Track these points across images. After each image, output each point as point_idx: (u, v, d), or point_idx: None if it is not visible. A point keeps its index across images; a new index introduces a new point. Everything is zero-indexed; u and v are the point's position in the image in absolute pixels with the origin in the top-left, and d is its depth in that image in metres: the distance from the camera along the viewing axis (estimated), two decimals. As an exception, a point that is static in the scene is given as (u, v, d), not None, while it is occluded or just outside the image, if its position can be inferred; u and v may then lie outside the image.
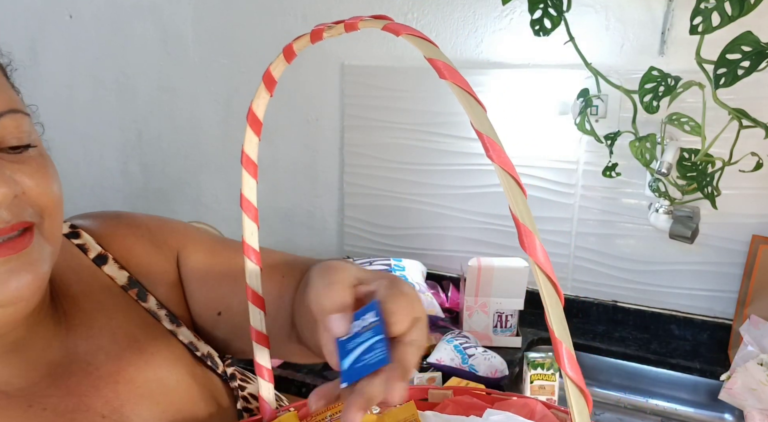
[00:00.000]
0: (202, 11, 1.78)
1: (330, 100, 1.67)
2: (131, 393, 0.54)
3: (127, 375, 0.55)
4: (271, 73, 0.46)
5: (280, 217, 1.83)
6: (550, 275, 0.31)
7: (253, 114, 0.47)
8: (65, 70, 2.01)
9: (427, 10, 1.51)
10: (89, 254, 0.60)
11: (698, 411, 1.32)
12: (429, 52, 0.34)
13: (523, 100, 1.43)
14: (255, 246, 0.51)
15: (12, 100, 0.48)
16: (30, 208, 0.47)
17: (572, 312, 1.51)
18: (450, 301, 1.50)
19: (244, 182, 0.49)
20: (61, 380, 0.52)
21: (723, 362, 1.30)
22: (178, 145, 1.93)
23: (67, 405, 0.50)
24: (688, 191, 1.25)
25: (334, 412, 0.51)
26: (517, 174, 0.32)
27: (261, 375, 0.53)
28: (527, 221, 0.31)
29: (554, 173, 1.45)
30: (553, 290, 0.31)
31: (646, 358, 1.35)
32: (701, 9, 0.97)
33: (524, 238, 0.31)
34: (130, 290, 0.60)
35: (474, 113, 0.33)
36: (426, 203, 1.59)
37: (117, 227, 0.63)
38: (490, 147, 0.32)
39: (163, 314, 0.61)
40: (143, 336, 0.58)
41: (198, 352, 0.62)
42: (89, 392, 0.52)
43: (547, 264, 0.31)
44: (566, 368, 0.30)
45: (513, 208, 0.31)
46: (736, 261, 1.33)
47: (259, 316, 0.51)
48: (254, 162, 0.49)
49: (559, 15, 1.15)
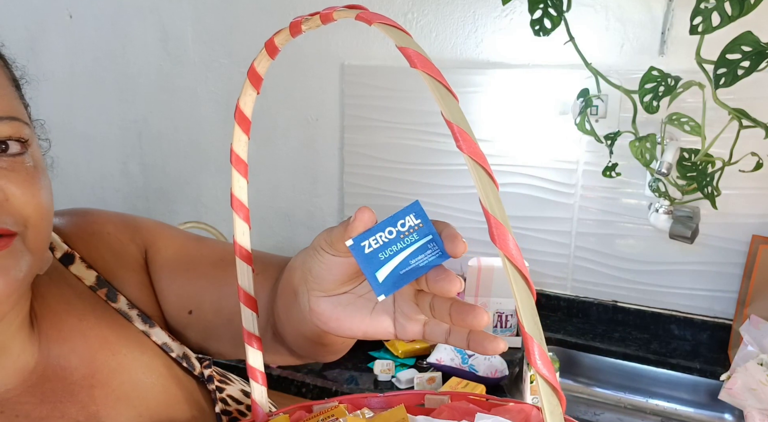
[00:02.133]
0: (202, 11, 1.78)
1: (330, 100, 1.67)
2: (107, 398, 0.53)
3: (101, 379, 0.54)
4: (256, 70, 0.45)
5: (280, 217, 1.83)
6: (521, 269, 0.30)
7: (241, 112, 0.46)
8: (65, 70, 2.01)
9: (427, 10, 1.51)
10: (56, 254, 0.58)
11: (698, 411, 1.32)
12: (401, 41, 0.33)
13: (523, 100, 1.43)
14: (247, 246, 0.49)
15: (13, 109, 0.48)
16: (11, 216, 0.45)
17: (572, 312, 1.51)
18: (450, 301, 1.50)
19: (234, 181, 0.48)
20: (36, 386, 0.51)
21: (723, 362, 1.30)
22: (178, 145, 1.93)
23: (41, 412, 0.50)
24: (688, 191, 1.25)
25: (326, 416, 0.49)
26: (489, 165, 0.31)
27: (254, 379, 0.52)
28: (498, 213, 0.30)
29: (554, 173, 1.45)
30: (525, 284, 0.30)
31: (646, 358, 1.35)
32: (701, 9, 0.97)
33: (495, 231, 0.30)
34: (99, 291, 0.58)
35: (445, 103, 0.32)
36: (426, 203, 1.59)
37: (83, 225, 0.61)
38: (461, 137, 0.31)
39: (135, 315, 0.59)
40: (115, 338, 0.56)
41: (173, 353, 0.60)
42: (64, 398, 0.51)
43: (519, 258, 0.30)
44: (537, 365, 0.29)
45: (483, 200, 0.31)
46: (736, 261, 1.33)
47: (251, 317, 0.50)
48: (244, 161, 0.48)
49: (559, 15, 1.15)
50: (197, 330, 0.63)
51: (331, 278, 0.43)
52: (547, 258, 1.51)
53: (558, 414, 0.29)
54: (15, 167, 0.47)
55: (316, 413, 0.50)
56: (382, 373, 1.25)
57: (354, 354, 1.32)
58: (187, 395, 0.59)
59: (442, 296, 0.40)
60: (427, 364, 1.26)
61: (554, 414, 0.29)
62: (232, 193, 0.48)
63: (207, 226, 1.65)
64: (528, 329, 0.29)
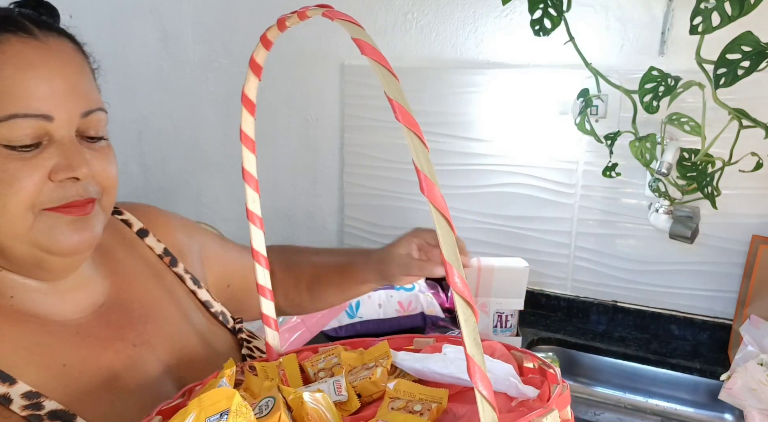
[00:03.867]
0: (202, 11, 1.78)
1: (330, 100, 1.67)
2: (156, 332, 0.68)
3: (153, 319, 0.69)
4: (256, 60, 0.57)
5: (280, 217, 1.83)
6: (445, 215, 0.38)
7: (246, 97, 0.57)
8: (65, 70, 2.01)
9: (427, 10, 1.51)
10: (133, 228, 0.77)
11: (698, 411, 1.32)
12: (355, 34, 0.41)
13: (523, 100, 1.43)
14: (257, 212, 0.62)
15: (100, 100, 0.62)
16: (96, 186, 0.60)
17: (572, 312, 1.51)
18: (450, 301, 1.50)
19: (245, 156, 0.59)
20: (104, 316, 0.65)
21: (723, 362, 1.30)
22: (178, 145, 1.93)
23: (107, 334, 0.64)
24: (688, 191, 1.25)
25: (327, 354, 0.61)
26: (421, 132, 0.40)
27: (267, 324, 0.64)
28: (427, 170, 0.39)
29: (554, 173, 1.45)
30: (447, 225, 0.38)
31: (646, 358, 1.35)
32: (701, 9, 0.97)
33: (424, 184, 0.39)
34: (165, 258, 0.77)
35: (387, 82, 0.40)
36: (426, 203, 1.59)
37: (154, 213, 0.81)
38: (398, 110, 0.40)
39: (188, 278, 0.77)
40: (170, 291, 0.74)
41: (212, 309, 0.78)
42: (125, 325, 0.66)
43: (444, 205, 0.38)
44: (456, 284, 0.36)
45: (416, 160, 0.39)
46: (736, 261, 1.33)
47: (263, 273, 0.63)
48: (252, 139, 0.59)
49: (559, 15, 1.15)
50: (233, 299, 0.85)
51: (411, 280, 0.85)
52: (547, 258, 1.51)
53: (472, 323, 0.36)
54: (96, 147, 0.61)
55: (320, 353, 0.62)
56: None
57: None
58: (218, 340, 0.76)
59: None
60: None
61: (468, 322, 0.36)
62: (243, 167, 0.59)
63: (207, 226, 1.65)
64: (448, 258, 0.36)
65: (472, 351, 0.35)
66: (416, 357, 0.58)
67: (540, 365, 0.55)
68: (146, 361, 0.65)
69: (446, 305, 1.49)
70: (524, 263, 1.36)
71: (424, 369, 0.56)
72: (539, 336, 1.42)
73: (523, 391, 0.51)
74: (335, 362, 0.59)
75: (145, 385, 0.63)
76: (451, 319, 1.46)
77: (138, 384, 0.63)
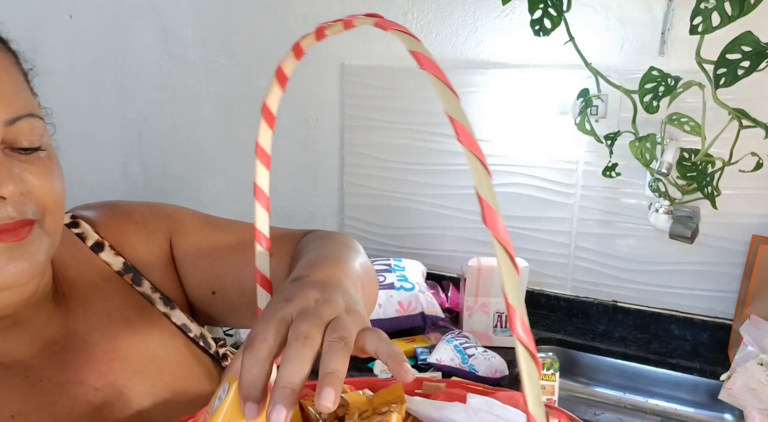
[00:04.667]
0: (202, 11, 1.78)
1: (330, 100, 1.67)
2: (124, 369, 0.58)
3: (121, 353, 0.59)
4: (283, 70, 0.51)
5: (280, 217, 1.83)
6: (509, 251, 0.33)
7: (267, 108, 0.51)
8: (65, 70, 2.01)
9: (427, 10, 1.51)
10: (87, 242, 0.64)
11: (698, 411, 1.32)
12: (413, 46, 0.38)
13: (523, 100, 1.43)
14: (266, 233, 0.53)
15: (30, 105, 0.52)
16: (33, 205, 0.50)
17: (572, 312, 1.51)
18: (450, 301, 1.50)
19: (258, 172, 0.53)
20: (58, 355, 0.56)
21: (723, 362, 1.30)
22: (178, 145, 1.93)
23: (63, 377, 0.54)
24: (688, 191, 1.25)
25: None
26: (483, 155, 0.35)
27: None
28: (490, 199, 0.34)
29: (554, 173, 1.45)
30: (512, 263, 0.33)
31: (646, 358, 1.35)
32: (701, 9, 0.97)
33: (487, 215, 0.33)
34: (126, 275, 0.64)
35: (448, 101, 0.36)
36: (426, 203, 1.59)
37: (113, 216, 0.67)
38: (460, 131, 0.35)
39: (157, 298, 0.65)
40: (137, 318, 0.62)
41: (191, 333, 0.66)
42: (84, 367, 0.56)
43: (508, 239, 0.33)
44: (518, 332, 0.32)
45: (479, 188, 0.34)
46: (736, 261, 1.33)
47: (266, 297, 0.54)
48: (267, 153, 0.53)
49: (559, 15, 1.15)
50: (221, 308, 0.69)
51: None
52: (547, 258, 1.51)
53: (535, 378, 0.32)
54: (32, 159, 0.51)
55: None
56: (382, 373, 1.25)
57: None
58: (204, 371, 0.65)
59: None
60: (427, 364, 1.26)
61: (532, 377, 0.32)
62: (255, 184, 0.53)
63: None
64: (512, 301, 0.32)
65: (534, 411, 0.31)
66: (434, 404, 0.52)
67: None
68: (112, 407, 0.56)
69: (446, 305, 1.49)
70: (524, 263, 1.36)
71: (445, 419, 0.50)
72: (539, 336, 1.42)
73: None
74: (341, 402, 0.52)
75: None
76: (451, 319, 1.46)
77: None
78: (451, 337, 1.30)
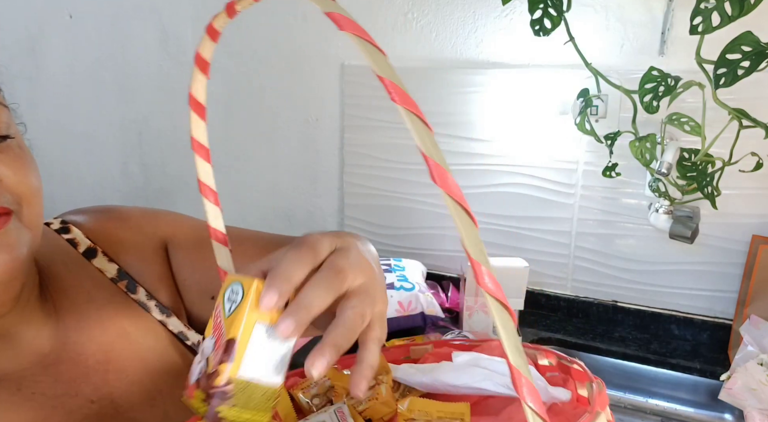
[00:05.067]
0: (202, 11, 1.78)
1: (330, 100, 1.67)
2: (120, 381, 0.55)
3: (116, 364, 0.56)
4: (202, 56, 0.47)
5: (280, 217, 1.83)
6: (461, 203, 0.32)
7: (194, 99, 0.47)
8: (65, 70, 2.01)
9: (427, 10, 1.51)
10: (79, 249, 0.61)
11: (698, 411, 1.32)
12: (327, 7, 0.35)
13: (523, 100, 1.43)
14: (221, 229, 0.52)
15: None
16: (8, 195, 0.48)
17: (572, 312, 1.51)
18: (450, 301, 1.50)
19: (199, 167, 0.49)
20: (51, 367, 0.53)
21: (723, 362, 1.30)
22: (178, 145, 1.93)
23: (57, 390, 0.52)
24: (688, 191, 1.25)
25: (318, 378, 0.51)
26: (421, 112, 0.33)
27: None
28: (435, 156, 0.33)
29: (554, 173, 1.45)
30: (467, 215, 0.31)
31: (646, 358, 1.35)
32: (701, 9, 0.97)
33: (434, 172, 0.32)
34: (120, 283, 0.61)
35: (375, 61, 0.35)
36: (426, 203, 1.59)
37: (106, 221, 0.65)
38: (393, 90, 0.34)
39: (153, 305, 0.62)
40: (133, 328, 0.59)
41: (188, 341, 0.64)
42: (78, 379, 0.54)
43: (458, 192, 0.32)
44: (486, 283, 0.31)
45: (421, 145, 0.33)
46: (736, 261, 1.33)
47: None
48: (206, 146, 0.49)
49: (559, 15, 1.15)
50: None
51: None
52: (547, 258, 1.51)
53: (510, 328, 0.30)
54: (2, 149, 0.49)
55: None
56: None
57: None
58: None
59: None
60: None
61: (506, 327, 0.31)
62: (199, 179, 0.49)
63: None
64: (474, 255, 0.31)
65: (515, 361, 0.30)
66: (421, 369, 0.52)
67: (560, 361, 0.50)
68: (109, 420, 0.54)
69: (446, 305, 1.49)
70: (524, 263, 1.36)
71: (435, 382, 0.49)
72: (539, 336, 1.42)
73: (553, 394, 0.46)
74: (328, 385, 0.52)
75: None
76: (451, 319, 1.46)
77: None
78: (451, 337, 1.30)
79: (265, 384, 0.38)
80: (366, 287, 0.41)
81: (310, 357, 0.36)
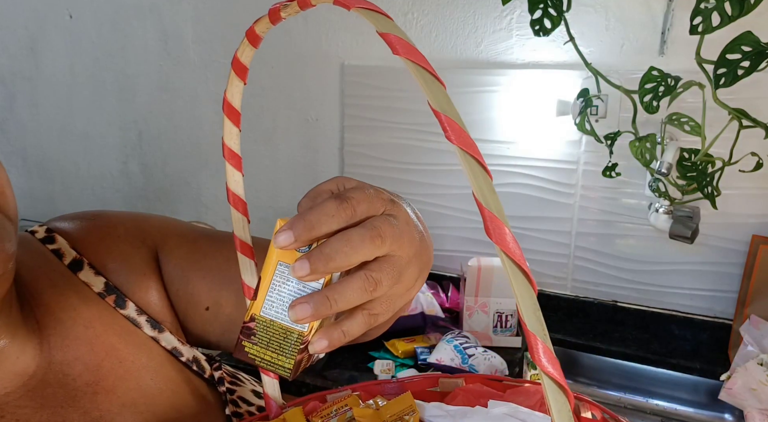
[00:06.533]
0: (202, 11, 1.78)
1: (330, 100, 1.67)
2: (111, 404, 0.52)
3: (106, 386, 0.52)
4: (240, 60, 0.44)
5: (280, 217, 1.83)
6: (520, 264, 0.28)
7: (229, 104, 0.45)
8: (65, 71, 2.01)
9: (427, 10, 1.51)
10: (64, 260, 0.57)
11: (698, 411, 1.32)
12: (383, 27, 0.31)
13: (523, 100, 1.43)
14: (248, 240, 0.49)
15: None
16: None
17: (572, 312, 1.51)
18: (450, 301, 1.50)
19: (229, 175, 0.47)
20: (35, 391, 0.49)
21: (723, 362, 1.30)
22: (178, 145, 1.93)
23: (41, 416, 0.48)
24: (688, 191, 1.25)
25: (340, 406, 0.49)
26: (481, 156, 0.29)
27: (266, 373, 0.50)
28: (493, 206, 0.28)
29: (554, 173, 1.45)
30: (525, 280, 0.27)
31: (646, 358, 1.35)
32: (701, 9, 0.97)
33: (490, 225, 0.27)
34: (107, 297, 0.57)
35: (431, 91, 0.31)
36: (426, 203, 1.59)
37: (93, 229, 0.60)
38: (449, 127, 0.29)
39: (144, 321, 0.58)
40: (123, 345, 0.55)
41: (183, 358, 0.59)
42: (65, 403, 0.50)
43: (518, 252, 0.28)
44: (542, 363, 0.27)
45: (477, 193, 0.29)
46: (736, 261, 1.33)
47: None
48: (238, 154, 0.47)
49: (559, 15, 1.15)
50: (216, 325, 0.62)
51: None
52: (547, 258, 1.51)
53: (566, 413, 0.27)
54: None
55: (330, 403, 0.50)
56: (382, 373, 1.25)
57: (354, 354, 1.32)
58: (198, 398, 0.58)
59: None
60: (427, 364, 1.26)
61: (562, 413, 0.27)
62: (228, 188, 0.47)
63: (207, 226, 1.65)
64: (530, 326, 0.27)
65: None
66: (450, 411, 0.47)
67: (603, 416, 0.45)
68: None
69: (446, 305, 1.49)
70: (524, 263, 1.36)
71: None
72: (539, 336, 1.42)
73: None
74: (350, 416, 0.49)
75: None
76: (450, 319, 1.46)
77: None
78: (451, 337, 1.30)
79: (287, 326, 0.39)
80: (397, 263, 0.39)
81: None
